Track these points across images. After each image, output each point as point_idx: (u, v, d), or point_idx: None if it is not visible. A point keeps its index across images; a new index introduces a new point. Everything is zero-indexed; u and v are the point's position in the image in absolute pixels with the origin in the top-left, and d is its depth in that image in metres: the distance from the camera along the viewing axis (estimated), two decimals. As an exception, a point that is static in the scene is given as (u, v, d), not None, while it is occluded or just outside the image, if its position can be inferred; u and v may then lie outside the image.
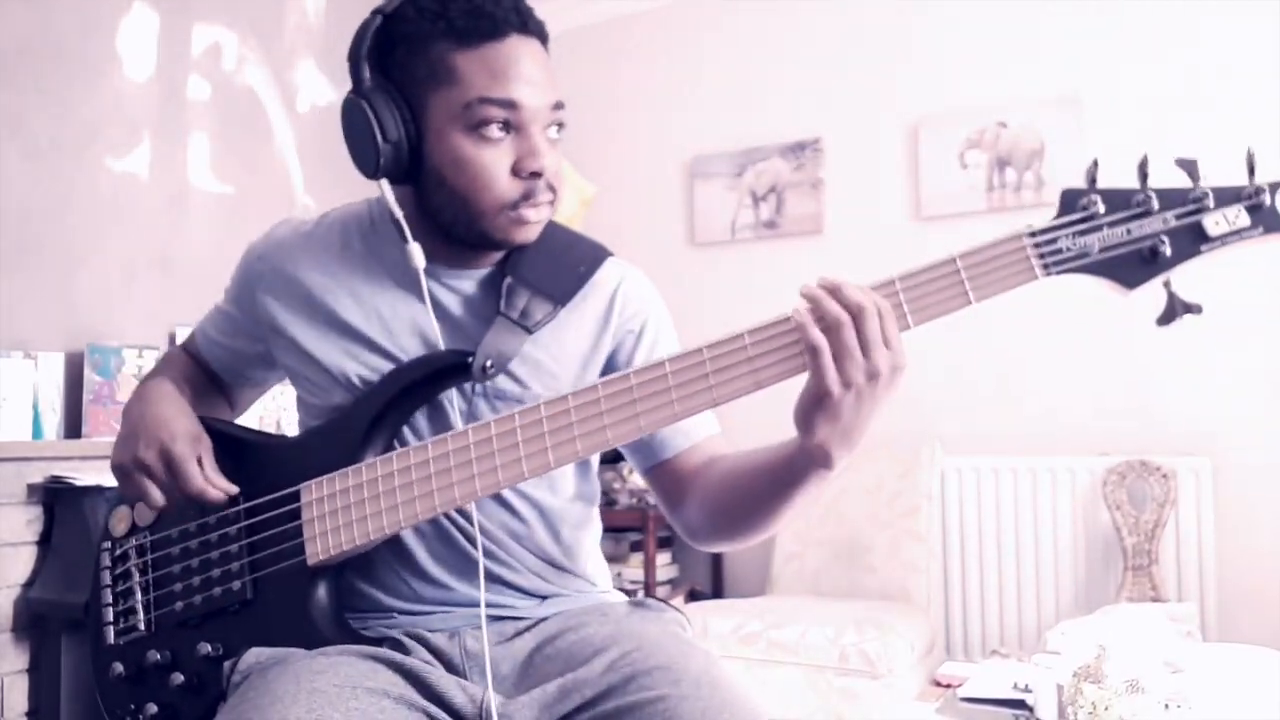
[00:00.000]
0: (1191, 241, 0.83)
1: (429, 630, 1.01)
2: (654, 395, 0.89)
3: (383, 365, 1.03)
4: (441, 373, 1.00)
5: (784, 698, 2.55)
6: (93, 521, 2.30)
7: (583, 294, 1.07)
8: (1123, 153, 0.89)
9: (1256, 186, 0.82)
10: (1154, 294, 0.85)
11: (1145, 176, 0.85)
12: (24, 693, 2.38)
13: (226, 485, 1.01)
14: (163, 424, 1.03)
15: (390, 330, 1.04)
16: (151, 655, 1.02)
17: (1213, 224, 0.83)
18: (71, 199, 2.69)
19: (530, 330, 1.01)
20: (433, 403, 1.03)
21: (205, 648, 0.99)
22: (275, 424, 2.93)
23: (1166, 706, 1.58)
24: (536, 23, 1.00)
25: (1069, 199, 0.86)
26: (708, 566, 3.60)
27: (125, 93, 2.85)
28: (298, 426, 1.13)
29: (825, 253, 3.42)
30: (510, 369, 1.02)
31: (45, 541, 2.39)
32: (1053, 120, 3.12)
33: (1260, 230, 0.82)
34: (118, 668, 1.04)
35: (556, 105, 0.99)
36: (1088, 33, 3.09)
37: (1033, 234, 0.85)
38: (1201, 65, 2.94)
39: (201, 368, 1.20)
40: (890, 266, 0.88)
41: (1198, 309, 0.84)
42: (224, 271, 1.15)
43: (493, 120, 0.96)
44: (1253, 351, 2.85)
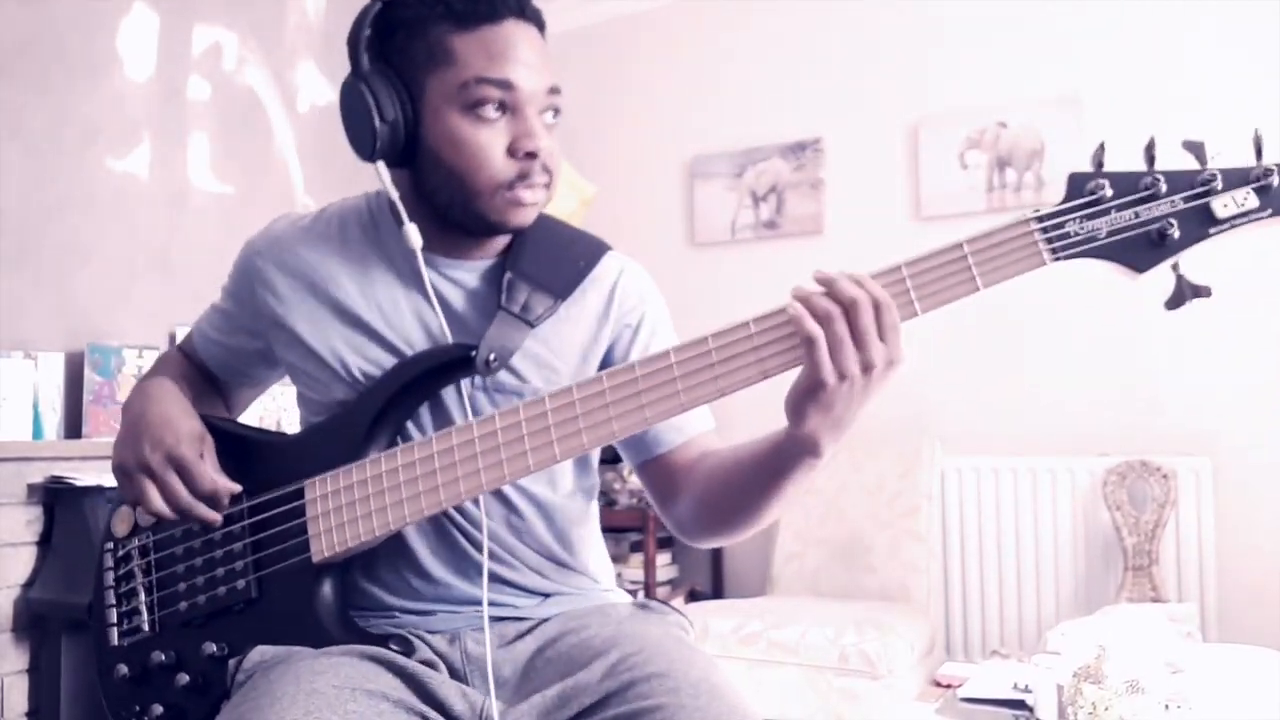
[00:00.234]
0: (1200, 224, 0.82)
1: (429, 632, 1.01)
2: (660, 386, 0.89)
3: (383, 357, 1.03)
4: (445, 367, 1.00)
5: (784, 698, 2.55)
6: (93, 522, 2.30)
7: (582, 288, 1.07)
8: (1123, 153, 0.89)
9: (1265, 168, 0.81)
10: (1158, 286, 0.85)
11: (1152, 159, 0.83)
12: (24, 693, 2.38)
13: (230, 484, 1.00)
14: (166, 424, 1.02)
15: (391, 321, 1.04)
16: (156, 656, 1.01)
17: (1221, 206, 0.81)
18: (71, 199, 2.69)
19: (532, 324, 1.02)
20: (434, 397, 1.03)
21: (210, 647, 0.99)
22: (275, 424, 2.93)
23: (1166, 707, 1.59)
24: (533, 9, 1.01)
25: (1076, 183, 0.84)
26: (708, 567, 3.59)
27: (125, 93, 2.85)
28: (299, 423, 1.12)
29: (825, 253, 3.41)
30: (511, 363, 1.02)
31: (45, 542, 2.39)
32: (1053, 120, 3.12)
33: (1269, 212, 0.81)
34: (122, 669, 1.04)
35: (552, 90, 1.00)
36: (1088, 33, 3.09)
37: (1040, 218, 0.84)
38: (1201, 65, 2.94)
39: (199, 368, 1.19)
40: (890, 267, 0.87)
41: (1207, 292, 0.82)
42: (224, 271, 1.15)
43: (489, 100, 0.96)
44: (1253, 351, 2.85)
